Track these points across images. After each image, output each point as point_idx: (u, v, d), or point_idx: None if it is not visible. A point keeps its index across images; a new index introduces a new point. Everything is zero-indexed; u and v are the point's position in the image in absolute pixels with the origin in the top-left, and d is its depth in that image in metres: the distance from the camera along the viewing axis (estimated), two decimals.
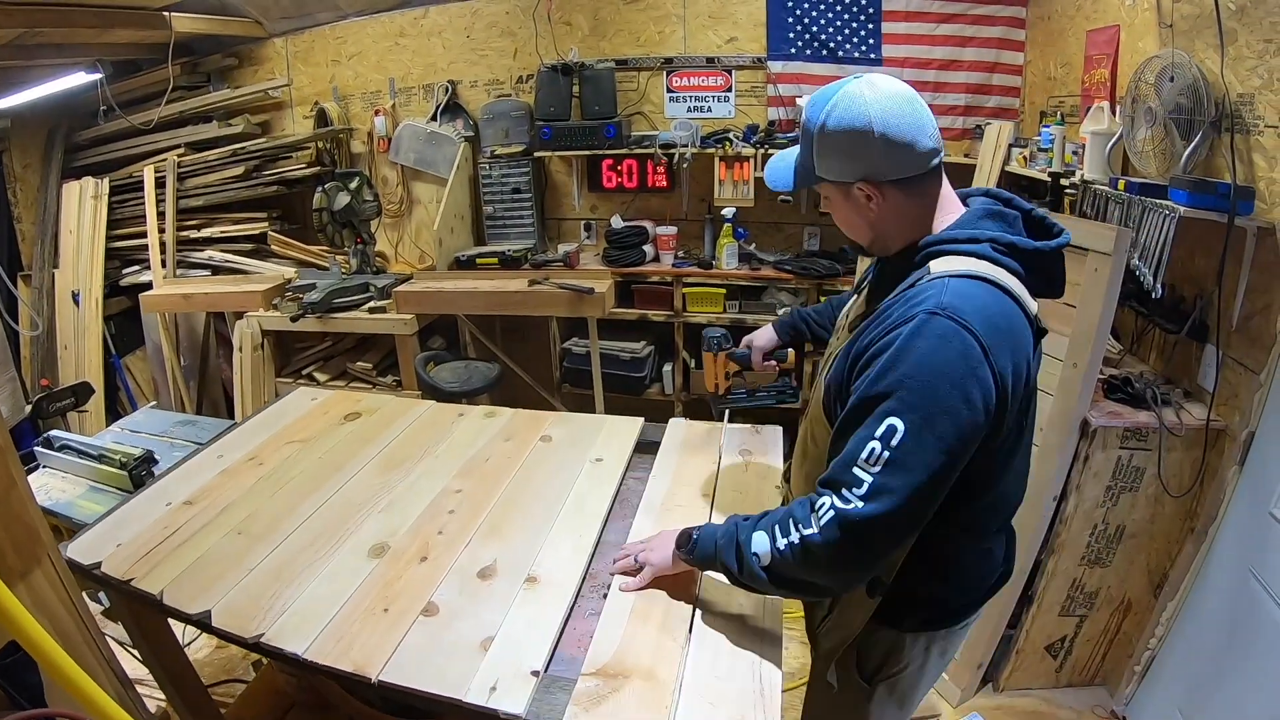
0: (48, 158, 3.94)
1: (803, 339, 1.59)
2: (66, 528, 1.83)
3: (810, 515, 1.00)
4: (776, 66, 3.32)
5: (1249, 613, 1.76)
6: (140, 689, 1.56)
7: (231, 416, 3.60)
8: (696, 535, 1.18)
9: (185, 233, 3.80)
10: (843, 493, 0.97)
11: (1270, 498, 1.73)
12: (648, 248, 3.38)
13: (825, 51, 3.26)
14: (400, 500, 1.57)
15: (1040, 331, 1.06)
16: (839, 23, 3.23)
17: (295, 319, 3.20)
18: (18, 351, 3.83)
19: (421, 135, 3.71)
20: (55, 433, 2.17)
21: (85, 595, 1.40)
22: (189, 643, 2.16)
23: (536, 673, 1.10)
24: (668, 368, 3.44)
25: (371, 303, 3.26)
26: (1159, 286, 1.89)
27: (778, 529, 1.04)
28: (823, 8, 3.21)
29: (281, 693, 1.95)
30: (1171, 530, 2.06)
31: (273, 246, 3.83)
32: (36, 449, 2.12)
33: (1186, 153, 1.86)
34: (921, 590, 1.16)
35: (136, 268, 3.89)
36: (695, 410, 3.24)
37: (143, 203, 3.75)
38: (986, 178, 2.83)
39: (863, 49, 3.24)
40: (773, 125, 3.35)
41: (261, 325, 3.34)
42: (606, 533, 1.47)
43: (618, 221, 3.43)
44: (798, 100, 3.23)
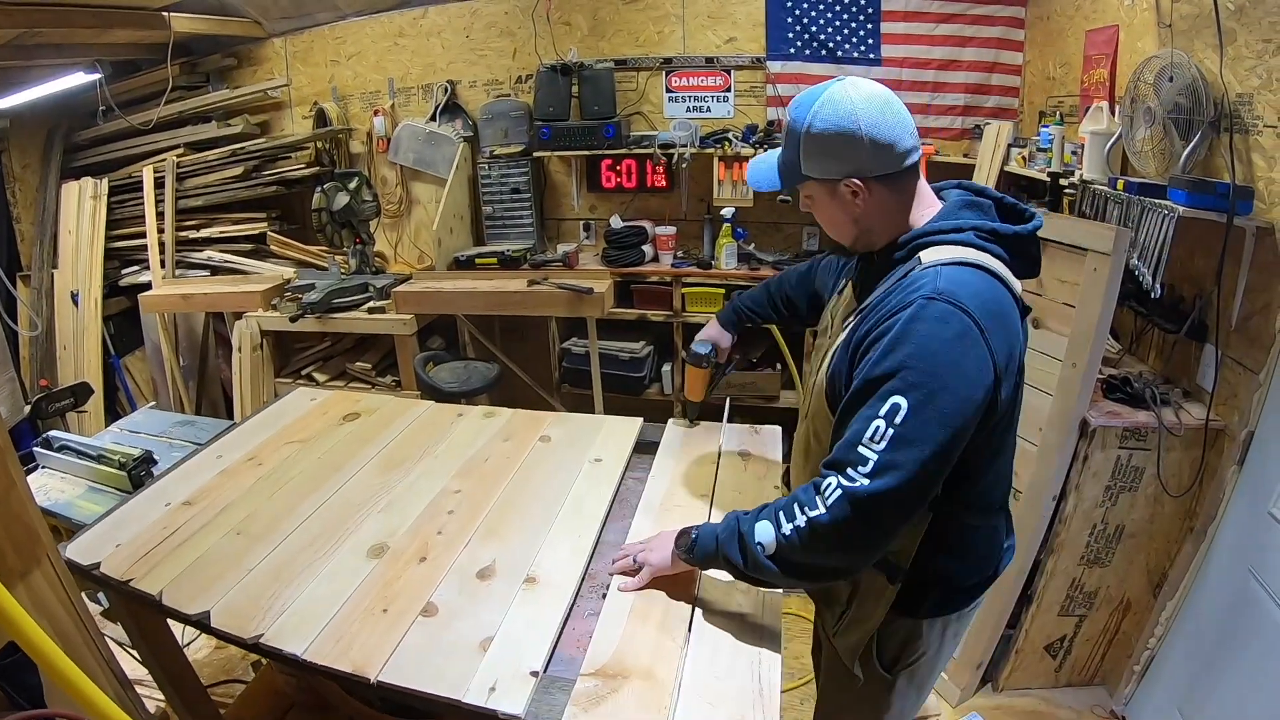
0: (47, 158, 3.93)
1: (747, 326, 1.69)
2: (66, 528, 1.83)
3: (816, 497, 1.02)
4: (775, 66, 3.32)
5: (1248, 612, 1.76)
6: (139, 689, 1.55)
7: (230, 417, 3.60)
8: (696, 534, 1.18)
9: (184, 233, 3.80)
10: (848, 471, 0.99)
11: (1269, 497, 1.74)
12: (647, 248, 3.38)
13: (824, 51, 3.26)
14: (399, 500, 1.57)
15: (1025, 309, 1.11)
16: (838, 23, 3.23)
17: (294, 319, 3.20)
18: (17, 352, 3.83)
19: (420, 135, 3.71)
20: (54, 433, 2.17)
21: (84, 596, 1.40)
22: (188, 643, 2.16)
23: (535, 673, 1.10)
24: (667, 368, 3.44)
25: (370, 303, 3.26)
26: (1158, 286, 1.89)
27: (782, 515, 1.05)
28: (822, 8, 3.21)
29: (281, 693, 1.95)
30: (1171, 530, 2.06)
31: (272, 247, 3.83)
32: (36, 449, 2.12)
33: (1185, 153, 1.86)
34: (934, 571, 1.18)
35: (136, 268, 3.89)
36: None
37: (142, 203, 3.74)
38: (985, 178, 2.83)
39: (862, 49, 3.24)
40: (772, 125, 3.35)
41: (260, 325, 3.34)
42: (605, 533, 1.47)
43: (617, 221, 3.43)
44: None
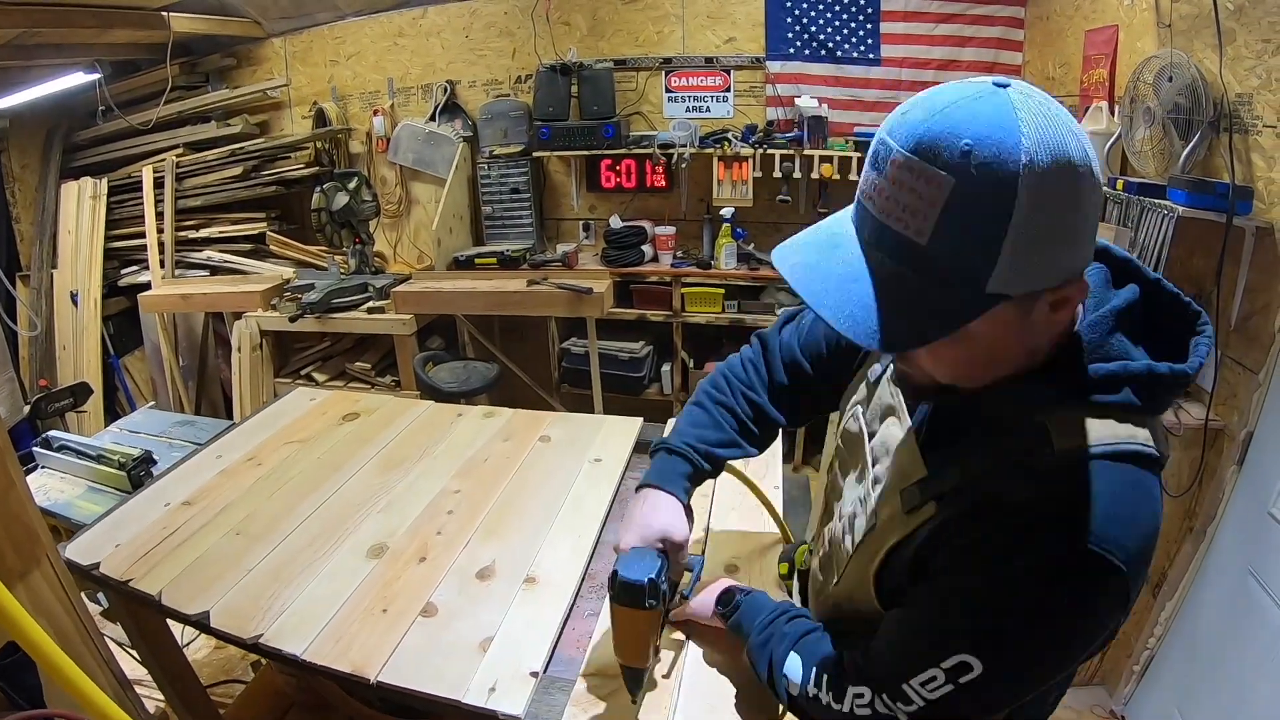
0: (46, 158, 3.93)
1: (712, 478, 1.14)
2: (65, 528, 1.82)
3: (847, 687, 0.82)
4: (775, 66, 3.32)
5: (1248, 612, 1.76)
6: (139, 689, 1.55)
7: (230, 417, 3.60)
8: (740, 601, 1.04)
9: (184, 233, 3.80)
10: (884, 697, 0.77)
11: (1269, 497, 1.74)
12: (646, 248, 3.39)
13: (824, 51, 3.26)
14: (399, 501, 1.56)
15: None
16: (837, 23, 3.23)
17: (294, 319, 3.20)
18: (16, 352, 3.83)
19: (420, 135, 3.71)
20: (54, 433, 2.17)
21: (84, 596, 1.40)
22: (188, 643, 2.16)
23: (535, 673, 1.10)
24: (666, 367, 3.45)
25: (370, 303, 3.26)
26: None
27: (815, 672, 0.87)
28: (821, 8, 3.22)
29: (280, 693, 1.95)
30: (1170, 530, 2.06)
31: (271, 247, 3.83)
32: (35, 449, 2.12)
33: (1185, 153, 1.86)
34: None
35: (135, 268, 3.89)
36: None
37: (141, 203, 3.75)
38: None
39: (861, 49, 3.24)
40: (771, 125, 3.35)
41: (260, 325, 3.34)
42: (605, 533, 1.46)
43: (616, 221, 3.43)
44: (796, 100, 3.23)
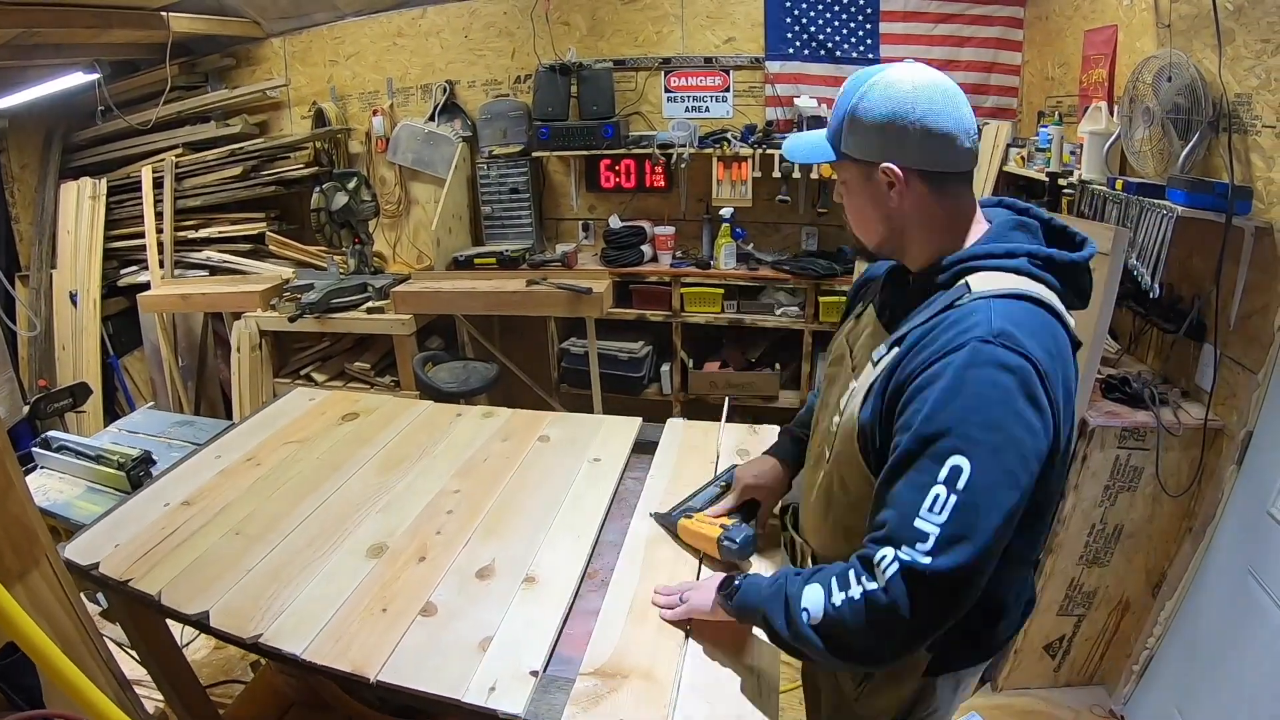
0: (45, 158, 3.93)
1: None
2: (64, 528, 1.82)
3: (869, 570, 0.90)
4: (774, 67, 3.32)
5: (1247, 612, 1.76)
6: (138, 690, 1.55)
7: (229, 417, 3.60)
8: (740, 581, 1.08)
9: (183, 233, 3.80)
10: (904, 549, 0.86)
11: (1268, 497, 1.74)
12: (646, 248, 3.38)
13: (823, 51, 3.27)
14: (398, 500, 1.56)
15: (1077, 344, 0.99)
16: (837, 23, 3.23)
17: (293, 319, 3.20)
18: (15, 352, 3.82)
19: (419, 135, 3.71)
20: (53, 433, 2.17)
21: (83, 596, 1.40)
22: (187, 643, 2.16)
23: (535, 673, 1.10)
24: (665, 368, 3.44)
25: (369, 303, 3.26)
26: (1157, 286, 1.89)
27: (835, 582, 0.93)
28: (820, 8, 3.22)
29: (280, 693, 1.95)
30: (1169, 530, 2.06)
31: (270, 247, 3.83)
32: (34, 450, 2.12)
33: (1184, 153, 1.86)
34: (971, 636, 1.07)
35: (134, 268, 3.89)
36: (693, 410, 3.24)
37: (140, 203, 3.74)
38: (984, 178, 2.84)
39: (860, 49, 3.24)
40: (770, 125, 3.35)
41: (259, 325, 3.33)
42: (605, 533, 1.47)
43: (616, 221, 3.43)
44: (796, 100, 3.23)
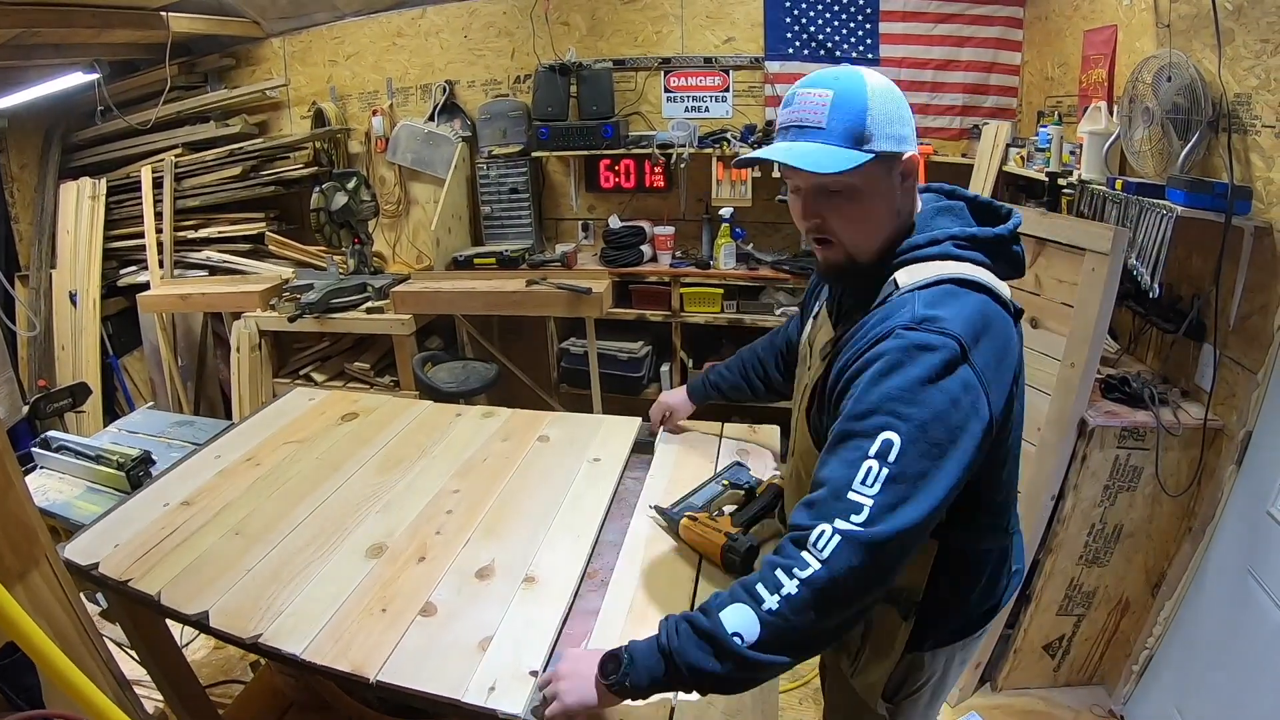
0: (45, 158, 3.93)
1: (712, 399, 1.69)
2: (64, 529, 1.82)
3: (803, 554, 0.90)
4: (774, 67, 3.32)
5: (1246, 612, 1.76)
6: (138, 690, 1.55)
7: (229, 417, 3.59)
8: (627, 655, 0.96)
9: (183, 233, 3.80)
10: (839, 521, 0.89)
11: (1268, 497, 1.74)
12: (645, 248, 3.38)
13: (823, 52, 3.27)
14: (398, 500, 1.56)
15: (1018, 312, 1.04)
16: (836, 23, 3.23)
17: (293, 319, 3.19)
18: (15, 352, 3.82)
19: (419, 135, 3.71)
20: (53, 433, 2.17)
21: (83, 596, 1.40)
22: (187, 643, 2.16)
23: (535, 672, 1.10)
24: (665, 368, 3.44)
25: (369, 303, 3.25)
26: (1156, 286, 1.89)
27: (761, 589, 0.90)
28: (820, 8, 3.22)
29: (279, 693, 1.95)
30: (1169, 530, 2.07)
31: (270, 247, 3.83)
32: (34, 450, 2.11)
33: (1184, 152, 1.87)
34: (948, 606, 1.13)
35: (134, 268, 3.88)
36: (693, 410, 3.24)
37: (140, 203, 3.74)
38: (984, 178, 2.84)
39: (860, 49, 3.24)
40: (770, 125, 3.35)
41: (259, 326, 3.33)
42: (605, 532, 1.47)
43: (615, 221, 3.43)
44: None
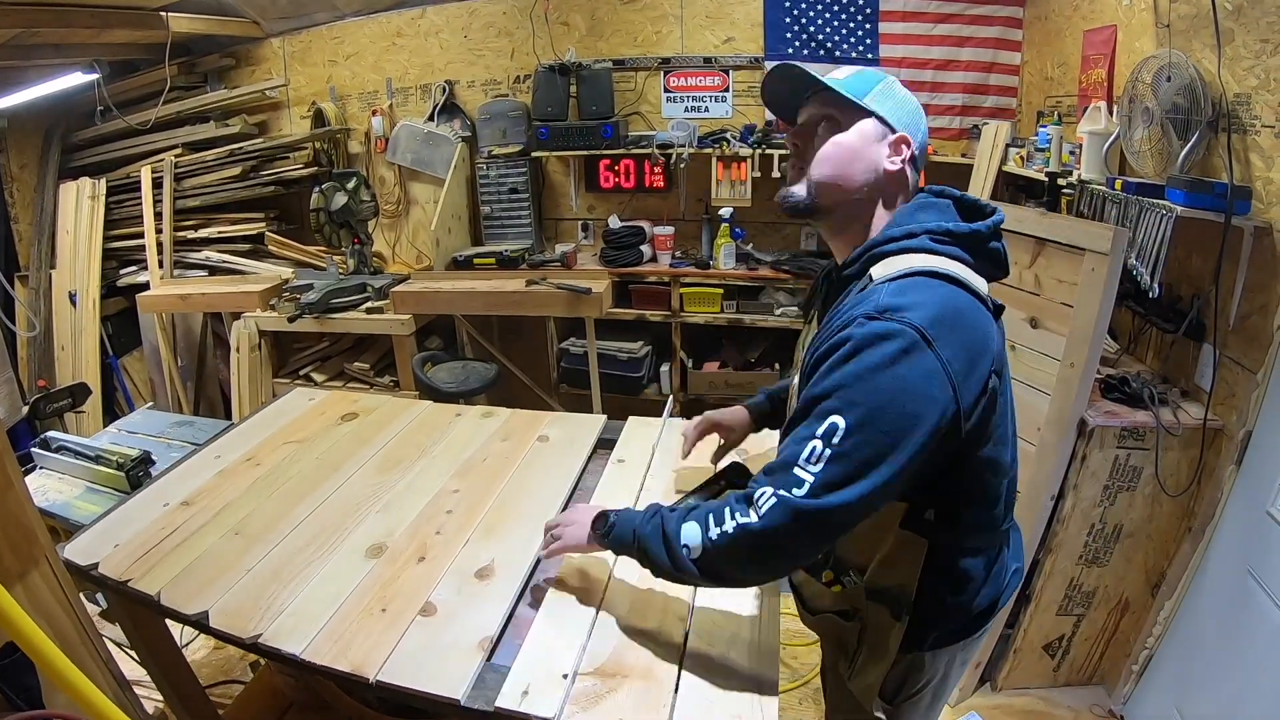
0: (45, 158, 3.93)
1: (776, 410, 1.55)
2: (64, 529, 1.82)
3: (748, 507, 0.98)
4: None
5: (1246, 612, 1.76)
6: (138, 690, 1.55)
7: (229, 417, 3.59)
8: (614, 520, 1.15)
9: (182, 233, 3.80)
10: (781, 490, 0.95)
11: (1267, 497, 1.74)
12: (645, 248, 3.38)
13: (823, 52, 3.26)
14: (397, 500, 1.57)
15: (997, 309, 1.04)
16: (836, 23, 3.23)
17: (292, 319, 3.19)
18: (15, 352, 3.82)
19: (419, 135, 3.71)
20: (52, 434, 2.17)
21: (82, 596, 1.40)
22: (186, 643, 2.16)
23: (566, 676, 1.09)
24: (665, 368, 3.44)
25: (369, 303, 3.25)
26: (1156, 286, 1.89)
27: (711, 518, 1.02)
28: (820, 8, 3.22)
29: (279, 693, 1.95)
30: (1169, 529, 2.07)
31: (270, 247, 3.83)
32: (33, 450, 2.11)
33: (1183, 152, 1.87)
34: (942, 606, 1.13)
35: (134, 268, 3.88)
36: (693, 410, 3.24)
37: (140, 203, 3.74)
38: (984, 178, 2.84)
39: (860, 49, 3.24)
40: (770, 125, 3.35)
41: (259, 326, 3.33)
42: None
43: (615, 221, 3.43)
44: None
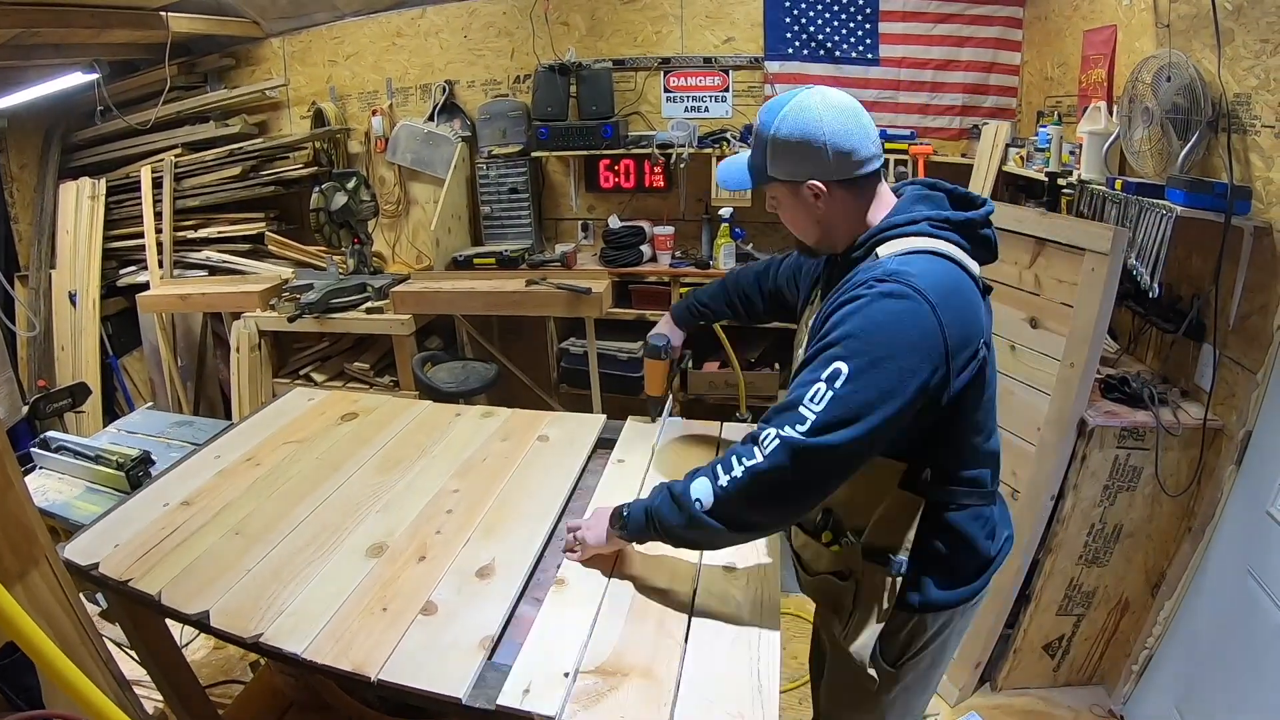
0: (45, 158, 3.93)
1: (700, 324, 1.70)
2: (64, 529, 1.82)
3: (754, 448, 1.05)
4: (774, 67, 3.32)
5: (1246, 612, 1.76)
6: (138, 690, 1.55)
7: (228, 417, 3.59)
8: (627, 511, 1.24)
9: (182, 233, 3.79)
10: (785, 429, 1.02)
11: (1267, 497, 1.74)
12: (645, 248, 3.38)
13: (822, 52, 3.27)
14: (398, 500, 1.57)
15: (986, 289, 1.16)
16: (836, 23, 3.23)
17: (292, 319, 3.19)
18: (15, 352, 3.82)
19: (419, 135, 3.71)
20: (52, 434, 2.17)
21: (83, 596, 1.40)
22: (186, 643, 2.16)
23: (568, 674, 1.09)
24: None
25: (369, 303, 3.25)
26: (1156, 286, 1.89)
27: (719, 468, 1.09)
28: (820, 8, 3.22)
29: (279, 693, 1.95)
30: (1169, 529, 2.07)
31: (270, 247, 3.82)
32: (33, 450, 2.11)
33: (1183, 152, 1.87)
34: (931, 559, 1.20)
35: (134, 268, 3.88)
36: (692, 410, 3.24)
37: (140, 203, 3.74)
38: (984, 178, 2.84)
39: (860, 49, 3.24)
40: None
41: (259, 326, 3.33)
42: None
43: (615, 221, 3.42)
44: None
